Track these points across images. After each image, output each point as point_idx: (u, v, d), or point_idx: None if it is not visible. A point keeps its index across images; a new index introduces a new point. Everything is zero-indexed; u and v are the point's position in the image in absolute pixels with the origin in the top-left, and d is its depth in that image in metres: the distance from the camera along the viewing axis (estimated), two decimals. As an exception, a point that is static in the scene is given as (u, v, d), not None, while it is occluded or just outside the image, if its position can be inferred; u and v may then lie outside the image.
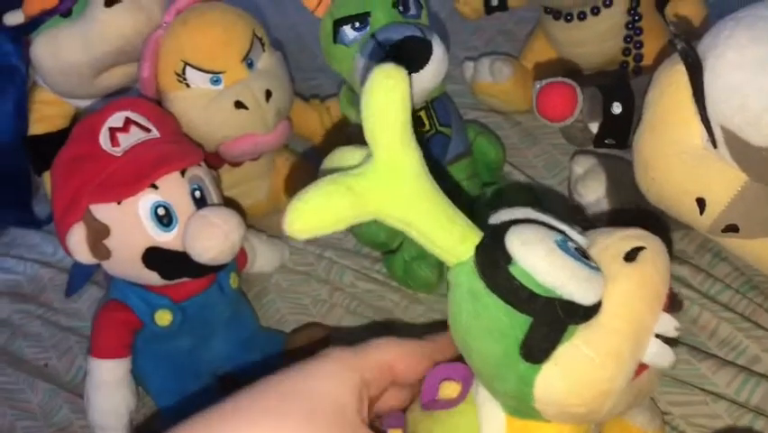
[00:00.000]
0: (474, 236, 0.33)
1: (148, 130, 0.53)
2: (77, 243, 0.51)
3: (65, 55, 0.66)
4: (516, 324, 0.31)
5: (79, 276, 0.67)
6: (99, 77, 0.68)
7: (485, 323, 0.32)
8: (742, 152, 0.41)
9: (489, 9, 0.72)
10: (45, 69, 0.68)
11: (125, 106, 0.53)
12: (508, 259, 0.31)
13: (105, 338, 0.55)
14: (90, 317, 0.64)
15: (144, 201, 0.51)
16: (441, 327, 0.38)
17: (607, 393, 0.31)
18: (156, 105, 0.58)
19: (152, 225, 0.51)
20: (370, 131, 0.31)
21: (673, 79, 0.44)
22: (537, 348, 0.31)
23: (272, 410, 0.31)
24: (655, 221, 0.53)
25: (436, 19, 0.88)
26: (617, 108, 0.53)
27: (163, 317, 0.55)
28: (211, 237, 0.51)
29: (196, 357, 0.58)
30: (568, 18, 0.67)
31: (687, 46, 0.42)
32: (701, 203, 0.44)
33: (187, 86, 0.60)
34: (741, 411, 0.48)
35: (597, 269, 0.32)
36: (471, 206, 0.59)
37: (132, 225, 0.51)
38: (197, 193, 0.53)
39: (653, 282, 0.32)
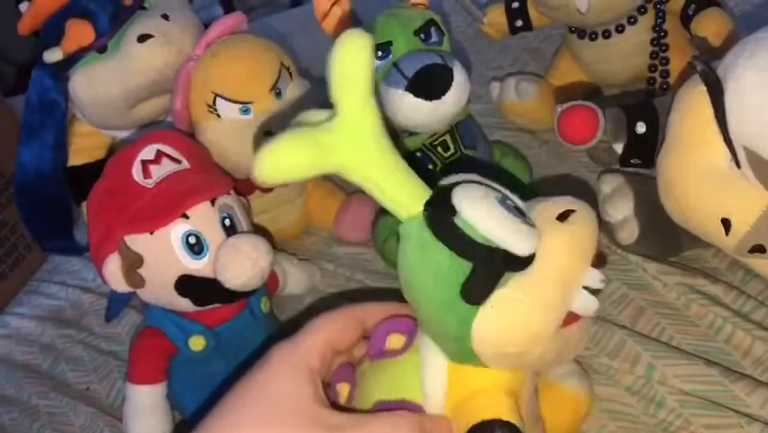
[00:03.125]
0: (425, 195, 0.36)
1: (178, 161, 0.55)
2: (113, 272, 0.53)
3: (101, 89, 0.69)
4: (459, 269, 0.34)
5: (118, 302, 0.69)
6: (134, 109, 0.71)
7: (431, 270, 0.35)
8: (766, 172, 0.41)
9: (513, 29, 0.73)
10: (82, 103, 0.71)
11: (157, 139, 0.55)
12: (453, 212, 0.34)
13: (141, 364, 0.57)
14: (129, 341, 0.65)
15: (176, 231, 0.52)
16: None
17: (537, 336, 0.35)
18: (186, 137, 0.59)
19: (184, 254, 0.52)
20: (335, 90, 0.34)
21: (695, 100, 0.44)
22: (476, 291, 0.34)
23: (245, 424, 0.34)
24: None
25: (461, 41, 0.89)
26: (641, 128, 0.53)
27: (197, 343, 0.57)
28: (240, 264, 0.52)
29: (230, 381, 0.59)
30: (593, 36, 0.67)
31: (707, 67, 0.42)
32: (726, 224, 0.44)
33: (218, 116, 0.61)
34: (776, 434, 0.47)
35: (532, 225, 0.35)
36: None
37: (164, 254, 0.52)
38: (227, 221, 0.55)
39: (582, 239, 0.35)
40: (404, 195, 0.36)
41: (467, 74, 0.54)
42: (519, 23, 0.72)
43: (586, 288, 0.36)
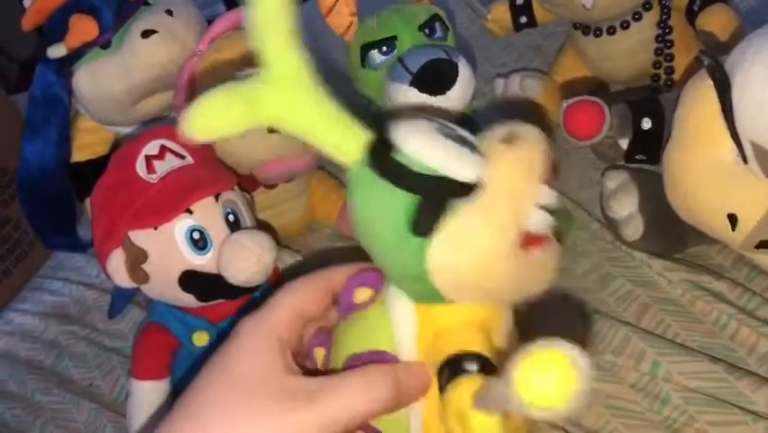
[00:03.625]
0: (366, 137, 0.35)
1: (182, 157, 0.55)
2: (117, 268, 0.53)
3: (104, 84, 0.69)
4: (406, 203, 0.33)
5: (121, 298, 0.69)
6: (137, 104, 0.71)
7: (378, 209, 0.34)
8: (773, 167, 0.41)
9: (517, 26, 0.72)
10: (86, 98, 0.71)
11: (160, 135, 0.55)
12: (394, 147, 0.33)
13: (145, 360, 0.57)
14: (132, 337, 0.65)
15: (180, 226, 0.52)
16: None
17: (493, 257, 0.33)
18: (190, 133, 0.59)
19: (188, 249, 0.52)
20: (257, 41, 0.33)
21: (701, 95, 0.44)
22: (424, 222, 0.33)
23: (218, 405, 0.33)
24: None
25: (465, 37, 0.89)
26: (646, 124, 0.53)
27: (201, 338, 0.57)
28: (244, 260, 0.52)
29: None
30: (597, 33, 0.66)
31: (714, 62, 0.42)
32: (733, 219, 0.43)
33: (222, 111, 0.61)
34: (782, 431, 0.47)
35: (477, 151, 0.34)
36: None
37: (168, 249, 0.52)
38: (231, 217, 0.55)
39: (529, 159, 0.34)
40: (344, 140, 0.35)
41: (472, 70, 0.54)
42: (523, 19, 0.72)
43: (541, 207, 0.34)
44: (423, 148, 0.33)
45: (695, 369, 0.50)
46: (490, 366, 0.34)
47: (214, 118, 0.33)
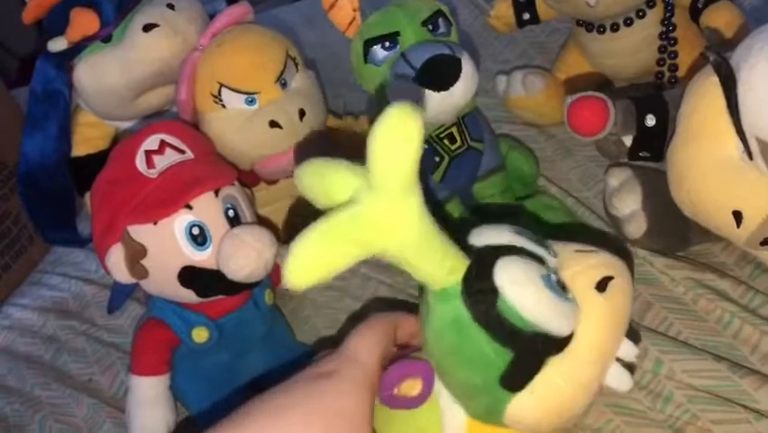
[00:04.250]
0: (461, 266, 0.34)
1: (182, 151, 0.54)
2: (116, 263, 0.52)
3: (105, 78, 0.68)
4: (499, 356, 0.32)
5: (120, 293, 0.68)
6: (138, 99, 0.70)
7: (468, 352, 0.33)
8: (778, 164, 0.40)
9: (520, 23, 0.72)
10: (87, 93, 0.70)
11: (160, 129, 0.55)
12: (496, 294, 0.32)
13: (144, 356, 0.57)
14: (131, 332, 0.65)
15: (179, 221, 0.52)
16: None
17: (574, 416, 0.34)
18: (190, 127, 0.59)
19: (187, 245, 0.52)
20: (376, 170, 0.31)
21: (707, 91, 0.44)
22: (518, 380, 0.33)
23: (296, 428, 0.34)
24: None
25: (468, 33, 0.88)
26: (650, 120, 0.52)
27: (200, 334, 0.56)
28: (244, 256, 0.52)
29: (233, 373, 0.59)
30: (601, 30, 0.66)
31: (719, 58, 0.42)
32: (738, 216, 0.43)
33: (223, 106, 0.61)
34: (785, 430, 0.46)
35: (573, 300, 0.33)
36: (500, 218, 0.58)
37: (168, 244, 0.52)
38: (231, 212, 0.54)
39: (622, 313, 0.34)
40: (441, 272, 0.33)
41: (475, 65, 0.54)
42: (526, 16, 0.71)
43: (618, 360, 0.35)
44: (529, 303, 0.32)
45: (698, 367, 0.50)
46: None
47: (315, 264, 0.31)
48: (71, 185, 0.73)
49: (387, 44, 0.55)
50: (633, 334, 0.36)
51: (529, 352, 0.32)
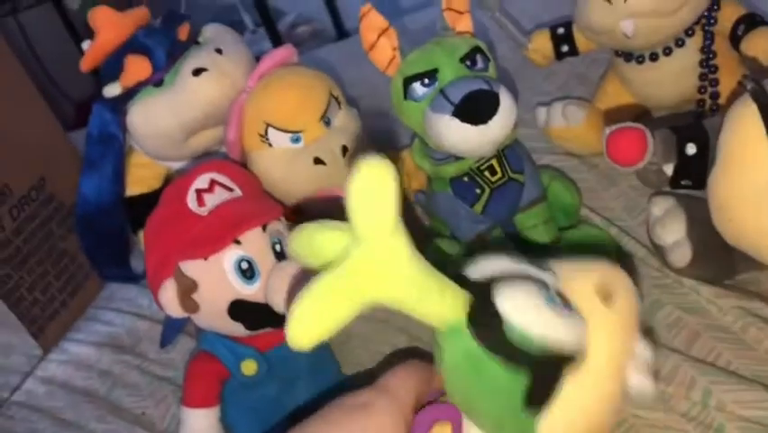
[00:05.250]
0: (462, 301, 0.34)
1: (231, 189, 0.56)
2: (169, 298, 0.54)
3: (157, 121, 0.71)
4: (516, 381, 0.33)
5: (172, 328, 0.70)
6: (188, 140, 0.73)
7: (485, 384, 0.34)
8: (821, 190, 0.40)
9: (559, 55, 0.73)
10: (140, 135, 0.73)
11: (210, 169, 0.57)
12: (500, 320, 0.33)
13: (195, 388, 0.58)
14: (183, 366, 0.67)
15: (229, 256, 0.53)
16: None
17: (604, 427, 0.35)
18: (238, 166, 0.61)
19: (237, 279, 0.54)
20: (356, 223, 0.31)
21: (745, 119, 0.44)
22: (539, 401, 0.33)
23: None
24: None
25: (506, 68, 0.89)
26: (691, 149, 0.52)
27: (249, 367, 0.57)
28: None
29: (281, 405, 0.60)
30: (639, 60, 0.66)
31: (757, 86, 0.42)
32: (782, 243, 0.43)
33: (270, 145, 0.63)
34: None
35: (579, 315, 0.34)
36: (545, 252, 0.58)
37: (218, 279, 0.53)
38: (278, 247, 0.56)
39: (630, 319, 0.35)
40: (441, 310, 0.34)
41: (513, 99, 0.54)
42: (565, 48, 0.72)
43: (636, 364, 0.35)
44: (535, 325, 0.33)
45: (749, 398, 0.49)
46: None
47: (315, 324, 0.32)
48: (126, 224, 0.76)
49: (426, 81, 0.56)
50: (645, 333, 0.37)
51: (544, 371, 0.33)
